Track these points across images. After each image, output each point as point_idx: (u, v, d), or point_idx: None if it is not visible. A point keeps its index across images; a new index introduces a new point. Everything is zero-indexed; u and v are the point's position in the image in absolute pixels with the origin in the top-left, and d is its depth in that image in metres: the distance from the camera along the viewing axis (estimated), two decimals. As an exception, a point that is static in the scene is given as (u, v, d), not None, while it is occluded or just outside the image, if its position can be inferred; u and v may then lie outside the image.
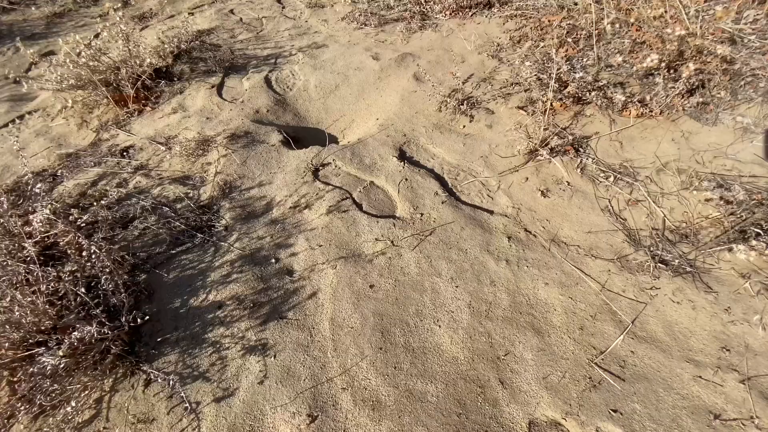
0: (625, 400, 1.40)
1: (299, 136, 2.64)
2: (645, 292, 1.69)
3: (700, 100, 2.36)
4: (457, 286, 1.74)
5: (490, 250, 1.87)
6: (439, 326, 1.62)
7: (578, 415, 1.37)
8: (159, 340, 1.57)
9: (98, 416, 1.41)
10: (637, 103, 2.39)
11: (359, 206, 2.09)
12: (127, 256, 1.78)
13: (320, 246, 1.90)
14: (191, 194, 2.15)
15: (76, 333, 1.34)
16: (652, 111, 2.37)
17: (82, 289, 1.57)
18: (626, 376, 1.46)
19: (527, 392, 1.43)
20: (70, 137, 2.84)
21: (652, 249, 1.83)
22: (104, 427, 1.38)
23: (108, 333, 1.42)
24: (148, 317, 1.57)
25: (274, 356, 1.54)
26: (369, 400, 1.42)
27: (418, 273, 1.79)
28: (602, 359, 1.50)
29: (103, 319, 1.46)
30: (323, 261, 1.85)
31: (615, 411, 1.38)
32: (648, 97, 2.41)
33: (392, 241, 1.91)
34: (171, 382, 1.41)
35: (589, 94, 2.43)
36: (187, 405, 1.41)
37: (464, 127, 2.52)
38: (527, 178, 2.18)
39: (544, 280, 1.75)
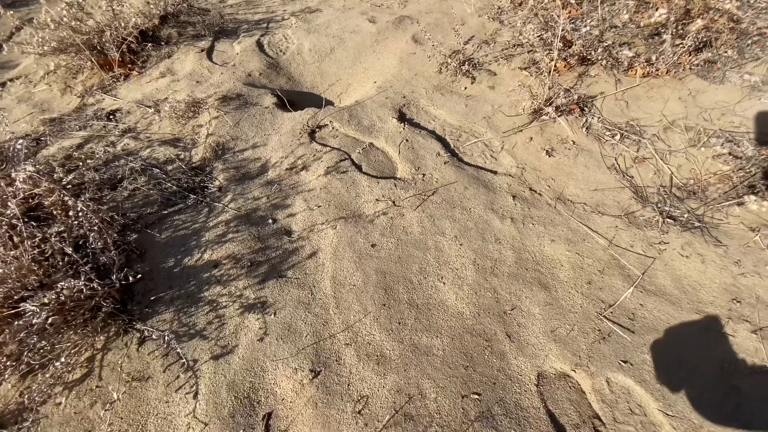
0: (635, 351, 1.37)
1: (294, 100, 2.54)
2: (653, 246, 1.65)
3: (708, 56, 2.29)
4: (461, 244, 1.68)
5: (495, 209, 1.81)
6: (444, 283, 1.57)
7: (588, 367, 1.34)
8: (152, 298, 1.51)
9: (90, 375, 1.35)
10: (643, 61, 2.32)
11: (358, 167, 2.01)
12: (116, 216, 1.70)
13: (319, 207, 1.83)
14: (182, 156, 2.06)
15: (63, 285, 1.26)
16: (658, 70, 2.31)
17: (69, 249, 1.49)
18: (636, 328, 1.43)
19: (535, 345, 1.40)
20: (54, 103, 2.70)
21: (659, 205, 1.79)
22: (97, 386, 1.33)
23: (98, 289, 1.35)
24: (140, 275, 1.50)
25: (274, 314, 1.48)
26: (373, 354, 1.38)
27: (420, 232, 1.74)
28: (611, 312, 1.47)
29: (92, 276, 1.39)
30: (323, 221, 1.78)
31: (625, 362, 1.35)
32: (654, 57, 2.33)
33: (393, 201, 1.85)
34: (166, 339, 1.35)
35: (594, 52, 2.36)
36: (184, 362, 1.35)
37: (465, 88, 2.44)
38: (531, 138, 2.11)
39: (551, 237, 1.71)
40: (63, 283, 1.27)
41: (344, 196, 1.87)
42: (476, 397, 1.28)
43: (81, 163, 1.97)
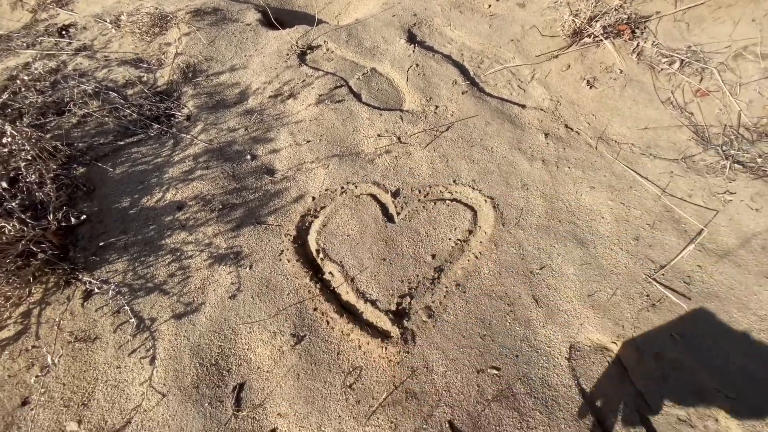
0: (690, 321, 1.11)
1: (282, 19, 2.13)
2: (716, 197, 1.34)
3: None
4: (480, 190, 1.38)
5: (522, 149, 1.49)
6: (458, 235, 1.29)
7: (633, 339, 1.09)
8: (101, 244, 1.24)
9: (26, 332, 1.12)
10: (711, -27, 1.87)
11: (357, 96, 1.67)
12: (60, 146, 1.39)
13: (308, 142, 1.51)
14: (145, 78, 1.71)
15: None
16: (729, -15, 1.87)
17: (3, 183, 1.20)
18: (692, 294, 1.16)
19: (568, 311, 1.14)
20: (2, 20, 2.30)
21: (725, 148, 1.46)
22: (33, 346, 1.10)
23: (24, 230, 1.08)
24: (85, 217, 1.22)
25: (250, 266, 1.22)
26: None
27: (431, 174, 1.43)
28: (663, 274, 1.20)
29: (20, 214, 1.11)
30: (312, 159, 1.47)
31: (679, 335, 1.09)
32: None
33: (399, 138, 1.53)
34: (113, 293, 1.09)
35: (653, -40, 1.90)
36: (139, 321, 1.11)
37: (489, 6, 2.01)
38: (569, 66, 1.73)
39: (590, 183, 1.40)
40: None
41: (339, 130, 1.54)
42: (495, 372, 1.04)
43: (23, 87, 1.63)
